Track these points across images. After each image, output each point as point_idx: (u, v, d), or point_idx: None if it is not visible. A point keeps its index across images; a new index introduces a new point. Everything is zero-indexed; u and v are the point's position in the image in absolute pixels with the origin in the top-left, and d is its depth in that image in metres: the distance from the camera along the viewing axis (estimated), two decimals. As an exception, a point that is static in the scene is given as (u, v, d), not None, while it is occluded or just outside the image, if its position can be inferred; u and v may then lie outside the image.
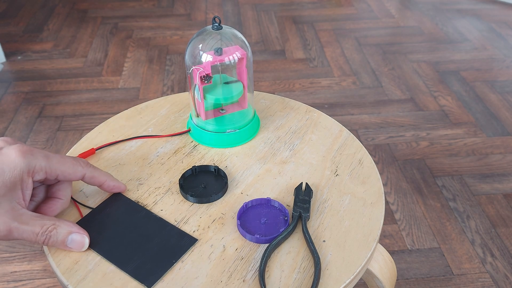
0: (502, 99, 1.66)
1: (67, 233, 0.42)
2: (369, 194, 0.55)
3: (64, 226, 0.42)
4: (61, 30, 2.12)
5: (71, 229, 0.42)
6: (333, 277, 0.46)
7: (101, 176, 0.46)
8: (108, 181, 0.47)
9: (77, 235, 0.43)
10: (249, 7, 2.35)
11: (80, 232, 0.43)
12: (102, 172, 0.47)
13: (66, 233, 0.42)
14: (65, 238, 0.42)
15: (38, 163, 0.40)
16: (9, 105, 1.63)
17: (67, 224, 0.42)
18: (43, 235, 0.40)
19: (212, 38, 0.57)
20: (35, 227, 0.40)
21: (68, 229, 0.42)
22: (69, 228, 0.42)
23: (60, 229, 0.41)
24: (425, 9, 2.33)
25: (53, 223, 0.41)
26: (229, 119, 0.62)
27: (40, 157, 0.40)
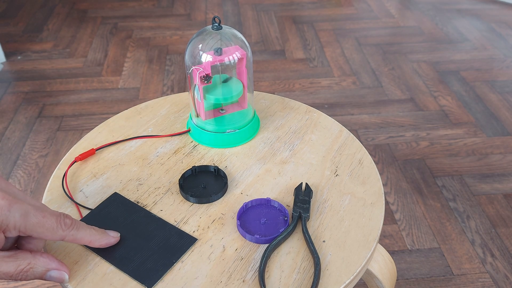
0: (502, 99, 1.66)
1: (45, 271, 0.40)
2: (369, 194, 0.55)
3: (41, 264, 0.39)
4: (61, 30, 2.12)
5: (49, 266, 0.40)
6: (333, 277, 0.46)
7: (84, 238, 0.42)
8: (93, 241, 0.43)
9: (55, 272, 0.40)
10: (249, 7, 2.35)
11: (59, 268, 0.40)
12: (86, 232, 0.42)
13: (43, 271, 0.40)
14: (43, 275, 0.40)
15: (13, 222, 0.36)
16: (9, 105, 1.63)
17: (44, 261, 0.40)
18: (19, 275, 0.38)
19: (212, 38, 0.57)
20: (9, 269, 0.37)
21: (46, 266, 0.40)
22: (46, 265, 0.40)
23: (36, 268, 0.39)
24: (425, 9, 2.33)
25: (28, 263, 0.38)
26: (229, 119, 0.62)
27: (17, 215, 0.37)
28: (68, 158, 0.60)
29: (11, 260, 0.38)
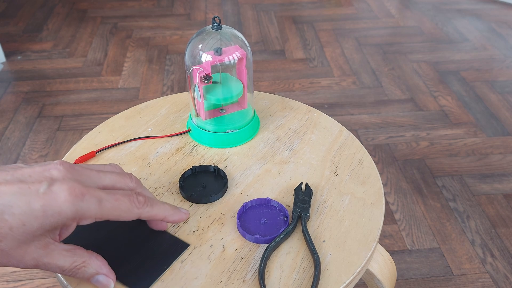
0: (502, 99, 1.66)
1: (94, 273, 0.40)
2: (369, 194, 0.55)
3: (93, 266, 0.40)
4: (60, 30, 2.12)
5: (100, 270, 0.40)
6: (333, 278, 0.46)
7: (158, 214, 0.42)
8: (167, 217, 0.43)
9: (103, 277, 0.40)
10: (249, 7, 2.35)
11: (108, 275, 0.41)
12: (160, 208, 0.42)
13: (93, 273, 0.40)
14: (91, 277, 0.40)
15: (88, 212, 0.37)
16: (8, 105, 1.63)
17: (97, 264, 0.40)
18: (70, 271, 0.38)
19: (212, 38, 0.57)
20: (64, 263, 0.38)
21: (97, 269, 0.40)
22: (98, 268, 0.40)
23: (88, 269, 0.39)
24: (425, 9, 2.33)
25: (83, 261, 0.39)
26: (229, 119, 0.62)
27: (90, 203, 0.37)
28: (68, 159, 0.60)
29: (69, 255, 0.38)
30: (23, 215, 0.34)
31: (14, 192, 0.35)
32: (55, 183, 0.36)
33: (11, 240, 0.35)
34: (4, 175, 0.36)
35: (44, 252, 0.37)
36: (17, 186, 0.35)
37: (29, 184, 0.35)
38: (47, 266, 0.37)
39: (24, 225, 0.34)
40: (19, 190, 0.35)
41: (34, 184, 0.36)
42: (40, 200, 0.35)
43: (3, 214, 0.34)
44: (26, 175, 0.36)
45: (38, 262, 0.37)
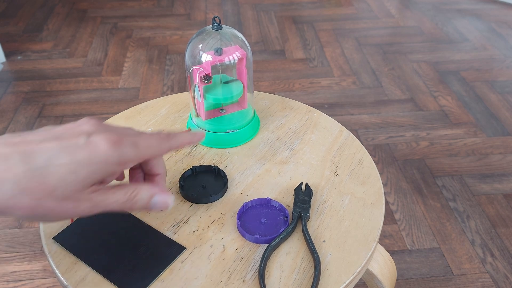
0: (502, 99, 1.66)
1: (149, 197, 0.41)
2: (369, 194, 0.55)
3: (145, 190, 0.41)
4: (60, 30, 2.12)
5: (153, 191, 0.42)
6: (333, 278, 0.46)
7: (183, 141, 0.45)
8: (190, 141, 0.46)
9: (159, 196, 0.42)
10: (249, 7, 2.35)
11: (161, 193, 0.42)
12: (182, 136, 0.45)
13: (148, 197, 0.41)
14: (148, 201, 0.41)
15: (128, 155, 0.39)
16: (9, 105, 1.63)
17: (147, 187, 0.42)
18: (127, 202, 0.40)
19: (212, 38, 0.57)
20: (119, 196, 0.40)
21: (150, 192, 0.42)
22: (150, 191, 0.42)
23: (142, 194, 0.41)
24: (425, 9, 2.33)
25: (133, 189, 0.40)
26: (229, 119, 0.62)
27: (128, 147, 0.39)
28: (68, 158, 0.60)
29: (119, 189, 0.40)
30: (71, 165, 0.36)
31: (57, 146, 0.36)
32: (92, 135, 0.38)
33: (64, 189, 0.36)
34: (39, 136, 0.37)
35: (96, 194, 0.38)
36: (58, 142, 0.37)
37: (68, 139, 0.37)
38: (104, 204, 0.39)
39: (74, 173, 0.36)
40: (60, 145, 0.37)
41: (72, 138, 0.37)
42: (83, 150, 0.37)
43: (52, 167, 0.35)
44: (60, 132, 0.38)
45: (93, 203, 0.38)
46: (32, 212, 0.36)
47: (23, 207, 0.35)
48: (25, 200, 0.35)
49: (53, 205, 0.36)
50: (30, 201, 0.35)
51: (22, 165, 0.35)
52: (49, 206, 0.36)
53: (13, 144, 0.36)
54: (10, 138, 0.37)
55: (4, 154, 0.35)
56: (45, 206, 0.36)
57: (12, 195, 0.34)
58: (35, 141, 0.37)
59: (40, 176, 0.35)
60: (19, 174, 0.35)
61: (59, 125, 0.40)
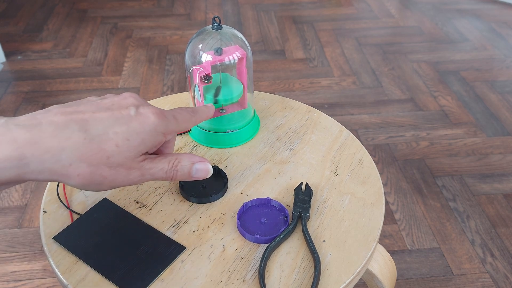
0: (502, 99, 1.66)
1: (191, 165, 0.43)
2: (369, 194, 0.55)
3: (186, 159, 0.43)
4: (60, 30, 2.12)
5: (193, 159, 0.44)
6: (333, 277, 0.46)
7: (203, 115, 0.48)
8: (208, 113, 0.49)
9: (200, 164, 0.44)
10: (249, 7, 2.35)
11: (202, 161, 0.44)
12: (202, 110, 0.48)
13: (190, 165, 0.43)
14: (190, 170, 0.43)
15: (171, 126, 0.42)
16: (9, 105, 1.63)
17: (188, 156, 0.44)
18: (171, 171, 0.42)
19: (212, 38, 0.57)
20: (164, 164, 0.41)
21: (191, 160, 0.43)
22: (191, 159, 0.43)
23: (184, 162, 0.43)
24: (425, 9, 2.33)
25: (175, 158, 0.42)
26: (229, 119, 0.62)
27: (171, 119, 0.42)
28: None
29: (163, 157, 0.42)
30: (126, 133, 0.38)
31: (110, 116, 0.38)
32: (140, 107, 0.40)
33: (118, 156, 0.38)
34: (89, 107, 0.39)
35: (144, 162, 0.40)
36: (110, 112, 0.39)
37: (119, 110, 0.39)
38: (151, 172, 0.41)
39: (128, 140, 0.38)
40: (113, 115, 0.39)
41: (122, 110, 0.40)
42: (136, 120, 0.39)
43: (108, 134, 0.37)
44: (109, 104, 0.40)
45: (142, 171, 0.40)
46: (88, 180, 0.37)
47: (80, 173, 0.36)
48: (82, 167, 0.36)
49: (108, 172, 0.38)
50: (87, 168, 0.37)
51: (81, 133, 0.36)
52: (104, 174, 0.38)
53: (68, 113, 0.37)
54: (63, 108, 0.38)
55: (62, 123, 0.36)
56: (100, 173, 0.37)
57: (72, 162, 0.36)
58: (88, 111, 0.38)
59: (98, 143, 0.37)
60: (78, 142, 0.36)
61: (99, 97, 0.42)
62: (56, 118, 0.36)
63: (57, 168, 0.35)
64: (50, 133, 0.35)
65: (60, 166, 0.35)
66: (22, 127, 0.35)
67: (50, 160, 0.35)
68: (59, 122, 0.36)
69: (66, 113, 0.37)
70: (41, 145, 0.35)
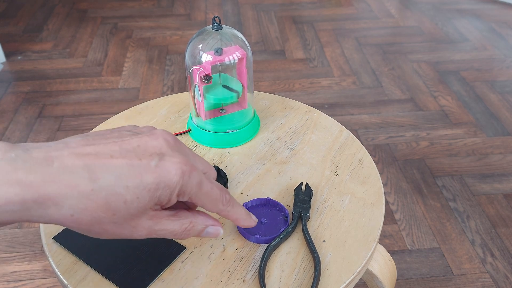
0: (502, 99, 1.66)
1: (203, 228, 0.41)
2: (369, 194, 0.55)
3: (200, 222, 0.41)
4: (60, 30, 2.12)
5: (207, 223, 0.41)
6: (333, 277, 0.46)
7: (234, 215, 0.43)
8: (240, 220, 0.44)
9: (212, 228, 0.42)
10: (249, 7, 2.35)
11: (215, 225, 0.42)
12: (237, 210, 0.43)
13: (202, 228, 0.41)
14: (202, 232, 0.41)
15: (189, 189, 0.37)
16: (9, 105, 1.63)
17: (202, 219, 0.41)
18: (182, 234, 0.40)
19: (212, 38, 0.57)
20: (174, 227, 0.39)
21: (204, 223, 0.41)
22: (204, 223, 0.41)
23: (197, 226, 0.41)
24: (425, 9, 2.33)
25: (190, 221, 0.40)
26: (229, 119, 0.62)
27: (194, 183, 0.37)
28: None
29: (175, 219, 0.39)
30: (137, 189, 0.35)
31: (126, 165, 0.35)
32: (165, 157, 0.37)
33: (124, 214, 0.35)
34: (111, 147, 0.36)
35: (153, 222, 0.37)
36: (128, 159, 0.35)
37: (140, 157, 0.36)
38: (159, 233, 0.38)
39: (138, 198, 0.35)
40: (130, 163, 0.35)
41: (144, 156, 0.36)
42: (153, 173, 0.35)
43: (118, 188, 0.34)
44: (134, 145, 0.37)
45: (150, 231, 0.38)
46: (88, 229, 0.35)
47: (81, 223, 0.35)
48: (84, 218, 0.34)
49: (111, 227, 0.36)
50: (90, 220, 0.35)
51: (89, 183, 0.34)
52: (106, 227, 0.35)
53: (83, 155, 0.35)
54: (81, 146, 0.36)
55: (72, 167, 0.34)
56: (102, 226, 0.35)
57: (74, 213, 0.34)
58: (106, 154, 0.35)
59: (105, 198, 0.34)
60: (84, 193, 0.34)
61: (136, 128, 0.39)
62: (68, 160, 0.34)
63: (57, 216, 0.34)
64: (57, 177, 0.33)
65: (61, 215, 0.34)
66: (30, 167, 0.33)
67: (51, 207, 0.33)
68: (69, 166, 0.34)
69: (82, 156, 0.35)
70: (44, 190, 0.33)
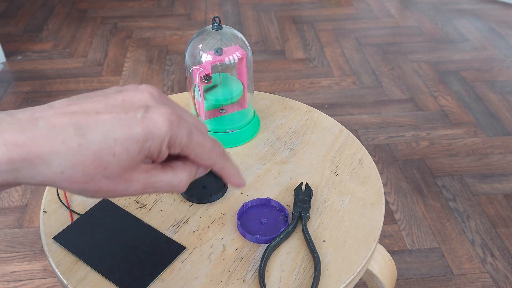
0: (502, 99, 1.66)
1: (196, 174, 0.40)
2: (369, 194, 0.55)
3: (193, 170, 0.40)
4: (60, 30, 2.12)
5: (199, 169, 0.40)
6: (333, 277, 0.46)
7: (229, 169, 0.42)
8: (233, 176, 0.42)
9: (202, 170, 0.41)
10: (249, 7, 2.35)
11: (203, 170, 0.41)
12: (231, 165, 0.42)
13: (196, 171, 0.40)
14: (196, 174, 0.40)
15: (179, 139, 0.36)
16: (9, 105, 1.63)
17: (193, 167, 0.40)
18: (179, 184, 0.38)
19: (212, 38, 0.57)
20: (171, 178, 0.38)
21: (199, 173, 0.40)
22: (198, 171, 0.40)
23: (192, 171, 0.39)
24: (425, 9, 2.33)
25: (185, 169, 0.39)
26: (229, 119, 0.62)
27: (184, 133, 0.37)
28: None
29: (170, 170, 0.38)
30: (125, 140, 0.35)
31: (112, 119, 0.35)
32: (151, 108, 0.36)
33: (115, 167, 0.35)
34: (97, 104, 0.36)
35: (148, 175, 0.37)
36: (115, 113, 0.35)
37: (126, 111, 0.36)
38: (156, 186, 0.38)
39: (127, 150, 0.35)
40: (117, 117, 0.35)
41: (130, 110, 0.36)
42: (140, 125, 0.35)
43: (106, 141, 0.34)
44: (119, 100, 0.36)
45: (145, 184, 0.37)
46: (81, 188, 0.35)
47: (73, 182, 0.34)
48: (77, 175, 0.34)
49: (104, 183, 0.35)
50: (80, 177, 0.34)
51: (76, 138, 0.34)
52: (99, 184, 0.35)
53: (70, 113, 0.35)
54: (67, 106, 0.35)
55: (60, 125, 0.34)
56: (95, 183, 0.35)
57: (64, 170, 0.33)
58: (92, 111, 0.35)
59: (94, 152, 0.34)
60: (72, 148, 0.33)
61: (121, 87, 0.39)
62: (54, 119, 0.34)
63: (48, 174, 0.33)
64: (44, 135, 0.33)
65: (51, 173, 0.33)
66: (16, 128, 0.33)
67: (41, 165, 0.33)
68: (56, 124, 0.34)
69: (67, 114, 0.35)
70: (32, 148, 0.33)
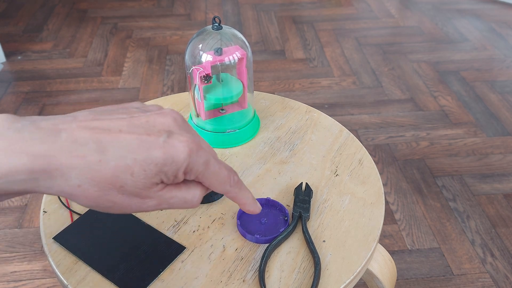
0: (502, 99, 1.66)
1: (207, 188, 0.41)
2: (369, 194, 0.55)
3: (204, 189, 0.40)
4: (60, 30, 2.12)
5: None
6: (333, 277, 0.46)
7: (242, 198, 0.42)
8: (246, 205, 0.43)
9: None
10: (249, 7, 2.35)
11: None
12: (244, 194, 0.42)
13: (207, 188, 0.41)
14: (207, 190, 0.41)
15: (196, 168, 0.38)
16: (9, 105, 1.63)
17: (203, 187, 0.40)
18: (193, 200, 0.39)
19: (212, 38, 0.57)
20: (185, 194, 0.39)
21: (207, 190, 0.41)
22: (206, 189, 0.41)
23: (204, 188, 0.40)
24: (425, 9, 2.33)
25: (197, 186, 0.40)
26: (229, 119, 0.62)
27: (201, 161, 0.38)
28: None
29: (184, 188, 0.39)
30: (144, 162, 0.35)
31: (134, 139, 0.36)
32: (173, 134, 0.37)
33: (131, 186, 0.36)
34: (120, 122, 0.37)
35: (162, 192, 0.38)
36: (137, 134, 0.36)
37: (149, 133, 0.36)
38: (170, 201, 0.38)
39: (144, 171, 0.35)
40: (139, 138, 0.36)
41: (153, 132, 0.37)
42: (161, 149, 0.36)
43: (126, 160, 0.35)
44: (143, 121, 0.37)
45: (159, 201, 0.38)
46: (96, 203, 0.36)
47: (88, 196, 0.35)
48: (92, 190, 0.35)
49: (119, 199, 0.36)
50: (96, 192, 0.35)
51: (97, 154, 0.34)
52: (114, 200, 0.36)
53: (92, 128, 0.35)
54: (90, 120, 0.36)
55: (82, 139, 0.34)
56: (110, 199, 0.36)
57: (81, 184, 0.34)
58: (115, 129, 0.36)
59: (113, 169, 0.35)
60: (91, 163, 0.34)
61: (144, 105, 0.39)
62: (77, 132, 0.35)
63: (65, 186, 0.34)
64: (66, 148, 0.34)
65: (68, 185, 0.34)
66: (38, 137, 0.33)
67: (59, 177, 0.34)
68: (79, 138, 0.34)
69: (90, 129, 0.35)
70: (52, 160, 0.33)
